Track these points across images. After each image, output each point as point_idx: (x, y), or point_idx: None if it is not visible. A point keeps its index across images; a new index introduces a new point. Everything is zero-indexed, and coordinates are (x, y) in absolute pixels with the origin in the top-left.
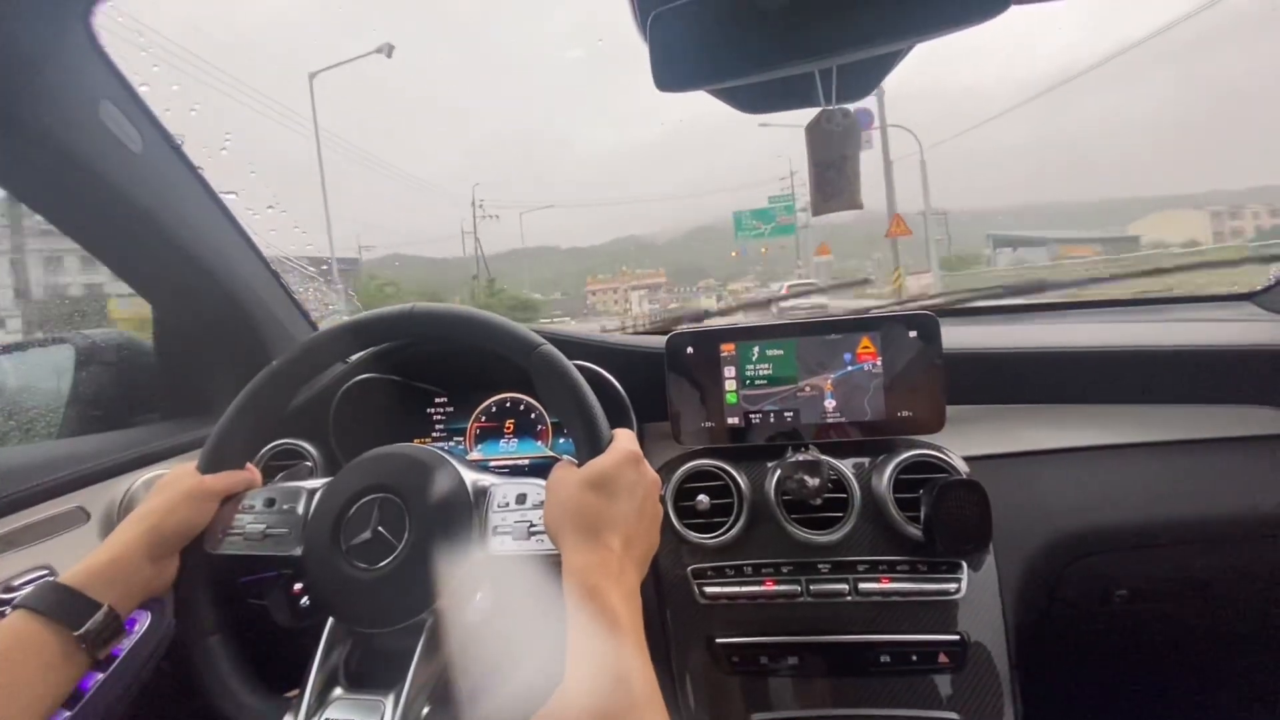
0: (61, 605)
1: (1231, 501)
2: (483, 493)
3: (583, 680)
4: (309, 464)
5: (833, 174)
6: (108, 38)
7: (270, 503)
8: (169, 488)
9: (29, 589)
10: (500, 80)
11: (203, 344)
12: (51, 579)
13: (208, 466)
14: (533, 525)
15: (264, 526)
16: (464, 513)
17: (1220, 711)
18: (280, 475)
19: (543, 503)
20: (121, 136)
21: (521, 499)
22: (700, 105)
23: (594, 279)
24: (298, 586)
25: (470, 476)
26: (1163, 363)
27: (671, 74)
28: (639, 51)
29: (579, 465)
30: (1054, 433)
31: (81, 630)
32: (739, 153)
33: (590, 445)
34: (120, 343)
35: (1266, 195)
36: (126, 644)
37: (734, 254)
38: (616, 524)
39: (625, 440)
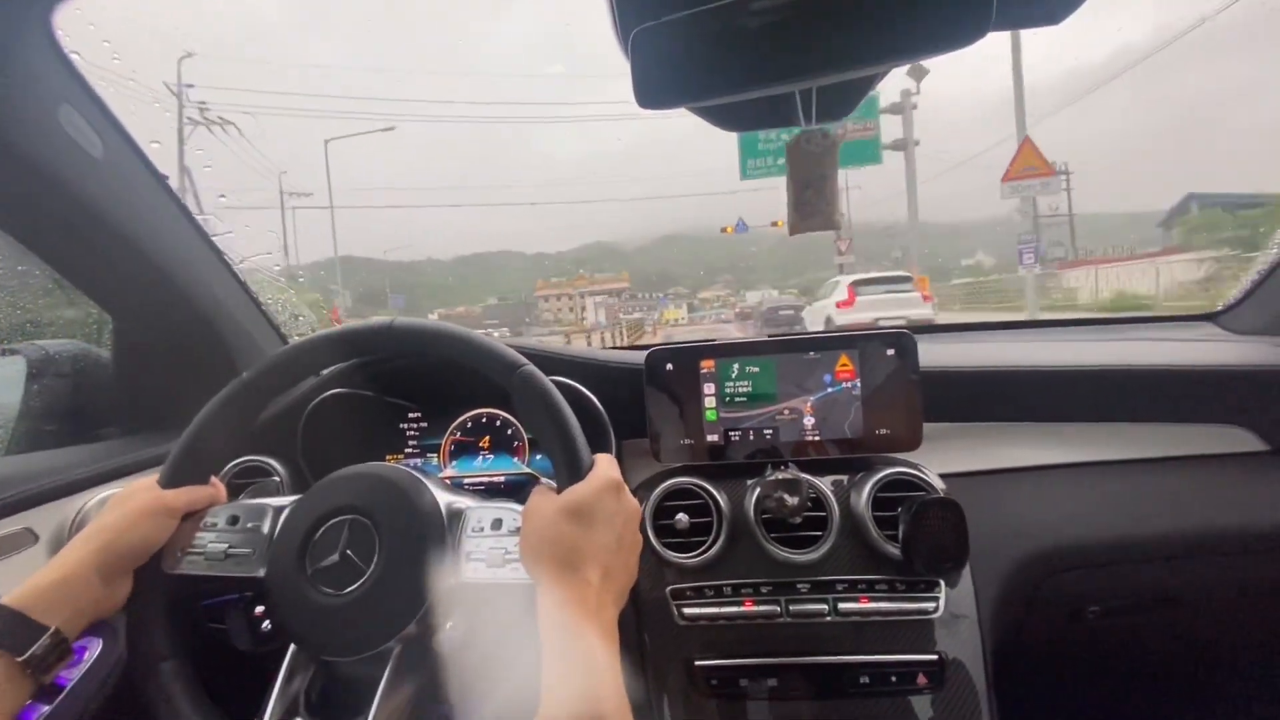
0: (3, 629)
1: (1197, 519)
2: (457, 515)
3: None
4: (276, 479)
5: (811, 194)
6: (69, 39)
7: (234, 520)
8: (125, 503)
9: None
10: (462, 77)
11: (165, 356)
12: None
13: (170, 480)
14: (508, 552)
15: (226, 546)
16: (436, 537)
17: None
18: (245, 492)
19: (519, 529)
20: (82, 142)
21: (497, 524)
22: (673, 112)
23: (545, 283)
24: (259, 609)
25: (444, 498)
26: (1130, 382)
27: (652, 91)
28: (608, 57)
29: (558, 491)
30: (1027, 450)
31: (25, 656)
32: (715, 156)
33: (570, 471)
34: (76, 354)
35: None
36: (75, 673)
37: (727, 229)
38: (595, 557)
39: (606, 467)
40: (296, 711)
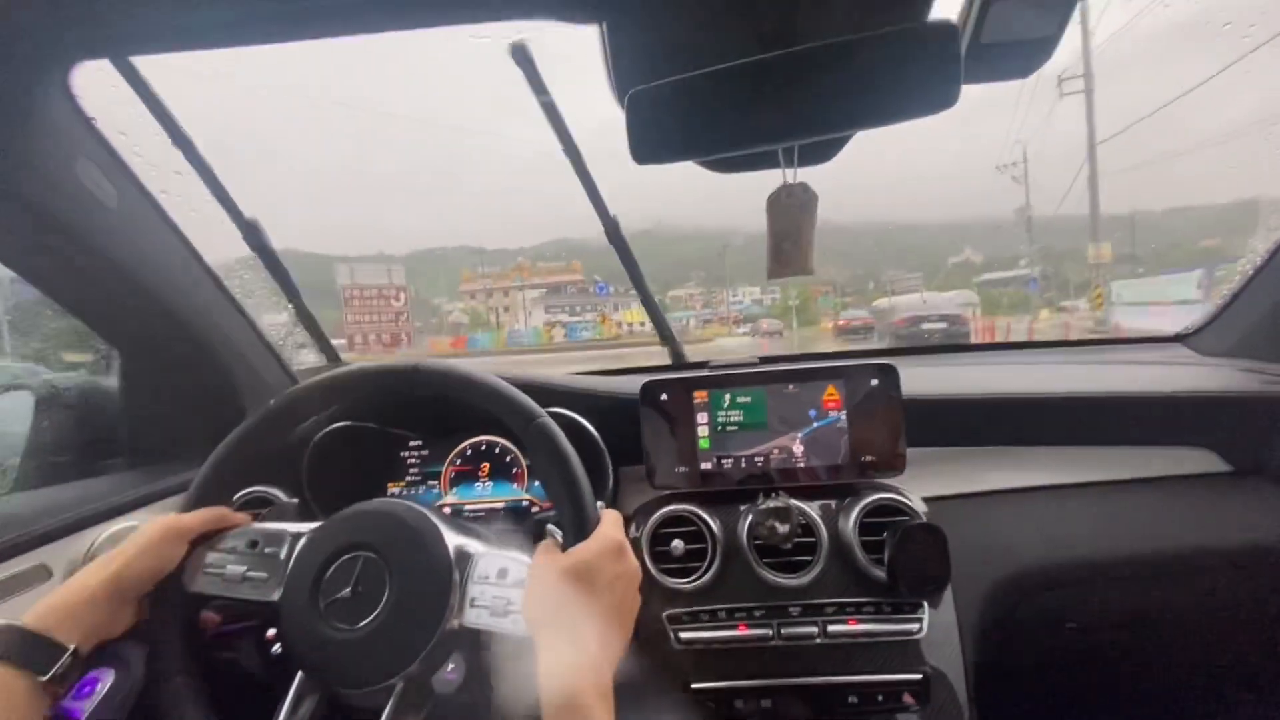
0: (24, 649)
1: (1166, 538)
2: (465, 559)
3: None
4: (295, 501)
5: (788, 245)
6: (86, 95)
7: (253, 544)
8: (141, 533)
9: None
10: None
11: (172, 391)
12: (11, 623)
13: (192, 502)
14: (510, 604)
15: (244, 569)
16: (444, 579)
17: None
18: (265, 512)
19: (523, 581)
20: (97, 193)
21: (503, 574)
22: None
23: (473, 275)
24: (271, 632)
25: (454, 541)
26: (1102, 408)
27: (647, 148)
28: (571, 44)
29: (563, 548)
30: (1005, 474)
31: (49, 675)
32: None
33: (576, 528)
34: (82, 387)
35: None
36: (89, 704)
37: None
38: (595, 622)
39: (611, 527)
40: None
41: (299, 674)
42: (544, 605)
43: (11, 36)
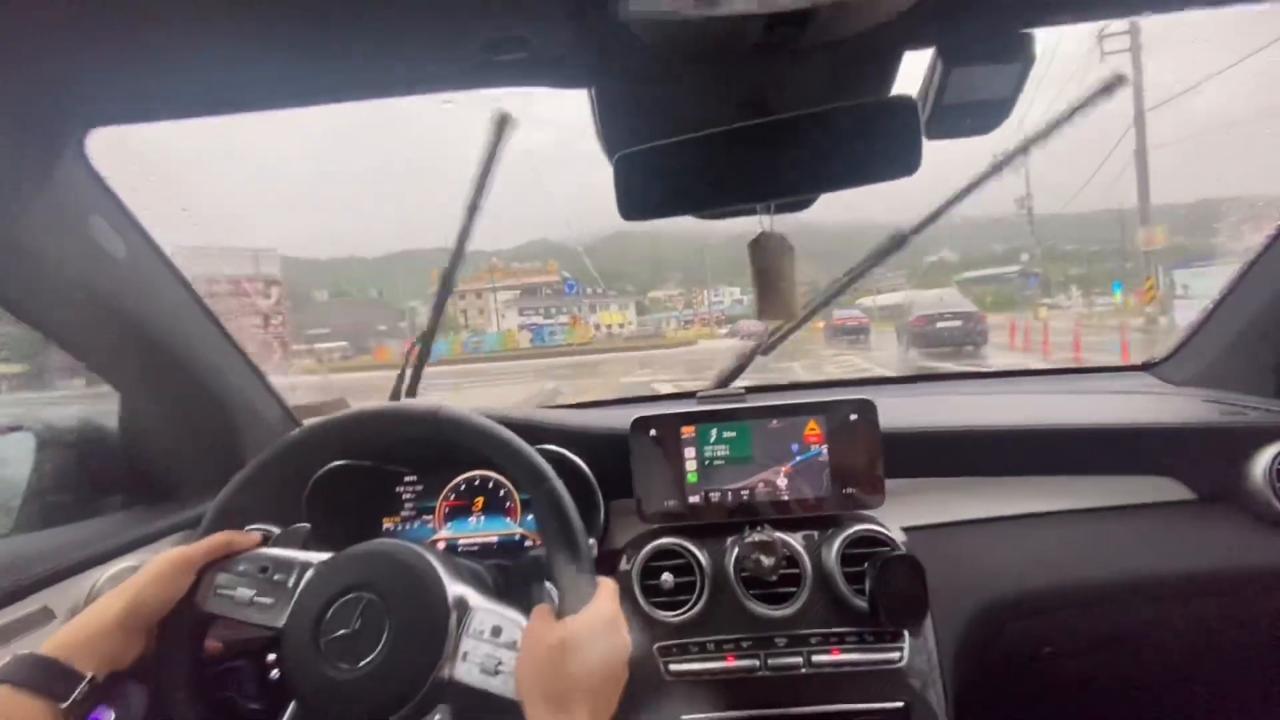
0: (44, 678)
1: (1135, 564)
2: (464, 609)
3: None
4: (307, 526)
5: (769, 289)
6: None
7: (263, 570)
8: (154, 563)
9: (6, 662)
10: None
11: (171, 431)
12: (28, 652)
13: (209, 528)
14: (501, 664)
15: (253, 593)
16: (441, 626)
17: None
18: (278, 535)
19: (515, 644)
20: (107, 247)
21: (497, 632)
22: None
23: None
24: (271, 658)
25: (454, 589)
26: (1072, 440)
27: (633, 206)
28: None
29: (558, 615)
30: (980, 503)
31: (68, 703)
32: None
33: (573, 596)
34: (80, 425)
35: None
36: None
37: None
38: (585, 696)
39: (607, 599)
40: None
41: (293, 704)
42: (535, 674)
43: (35, 105)
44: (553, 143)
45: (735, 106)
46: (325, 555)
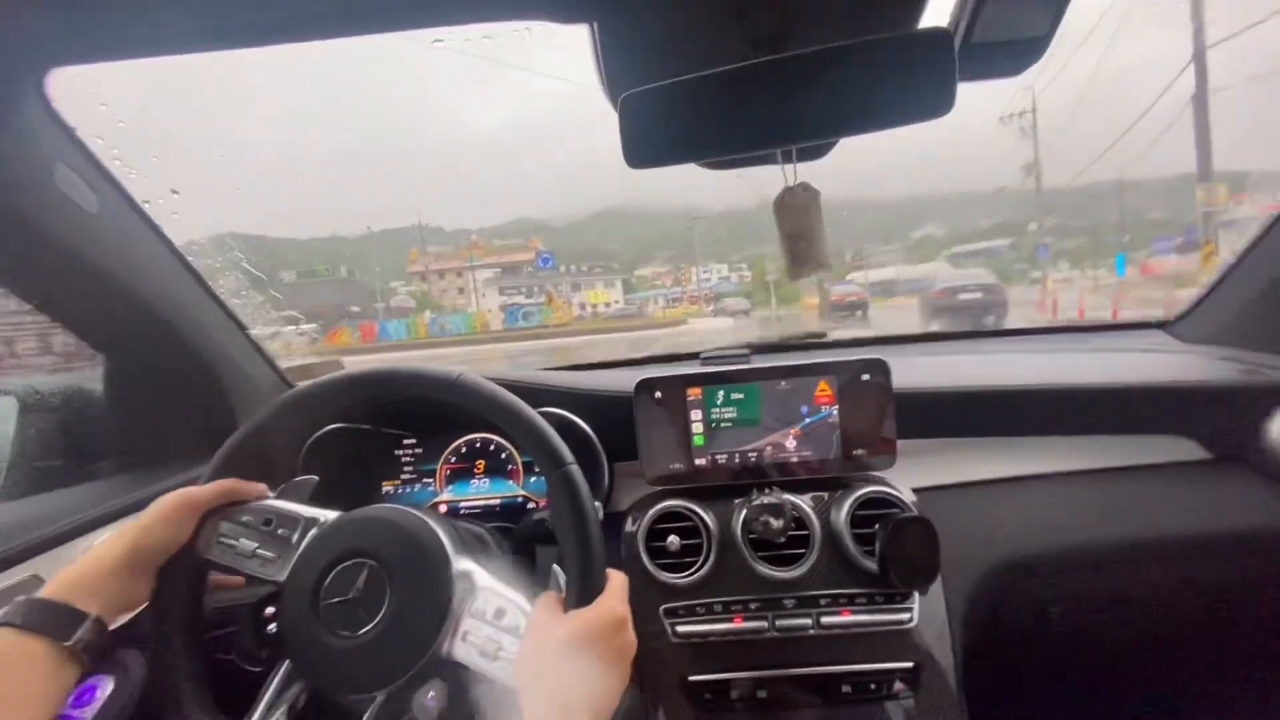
0: (46, 618)
1: (1146, 525)
2: (468, 586)
3: None
4: (314, 479)
5: (803, 244)
6: (62, 100)
7: (268, 522)
8: (157, 505)
9: (8, 607)
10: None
11: (159, 394)
12: (29, 596)
13: (213, 475)
14: (501, 649)
15: (256, 545)
16: (444, 601)
17: (1147, 715)
18: (285, 486)
19: (518, 629)
20: (77, 199)
21: (499, 614)
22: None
23: (420, 256)
24: (269, 611)
25: (460, 565)
26: (1085, 399)
27: (641, 151)
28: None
29: (565, 608)
30: (991, 464)
31: (71, 641)
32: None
33: (582, 590)
34: (67, 390)
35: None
36: (89, 712)
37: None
38: (589, 697)
39: (616, 596)
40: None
41: (286, 663)
42: (536, 667)
43: None
44: (540, 118)
45: (748, 42)
46: (331, 513)
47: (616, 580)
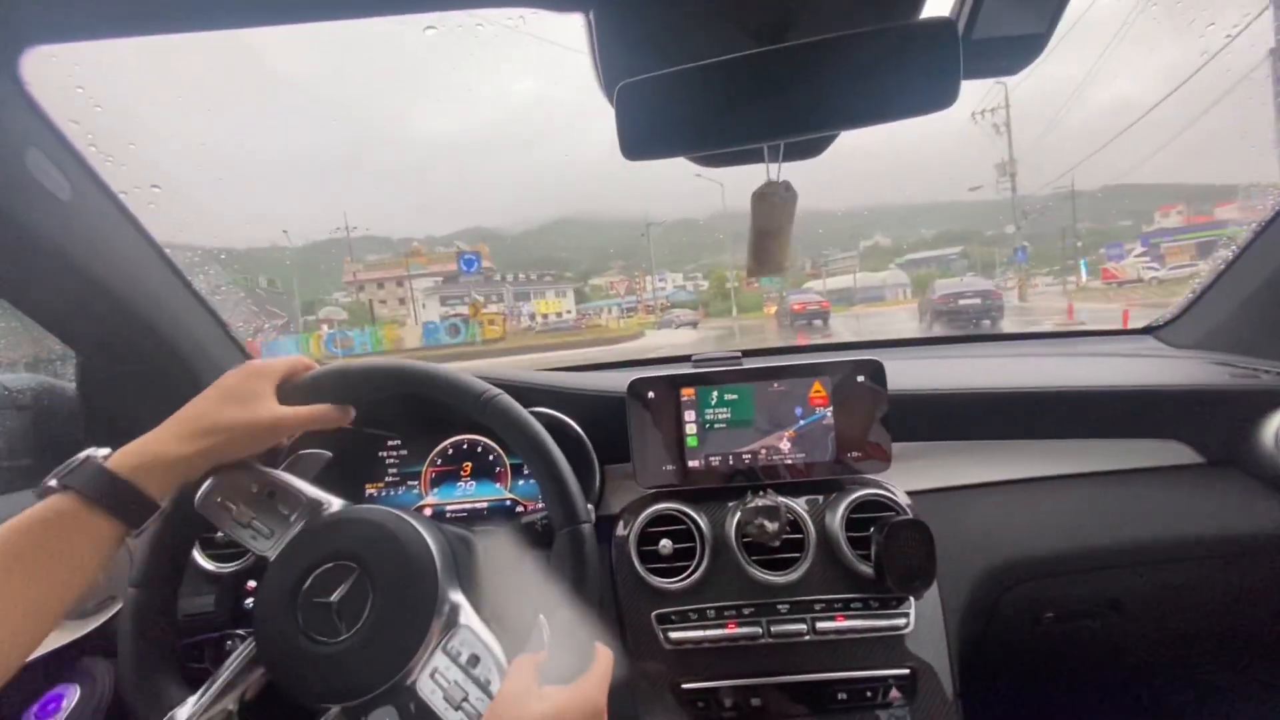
0: (117, 500)
1: (1139, 529)
2: (452, 620)
3: None
4: (326, 453)
5: (769, 242)
6: (37, 82)
7: (271, 494)
8: (224, 376)
9: (74, 467)
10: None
11: (132, 389)
12: (96, 462)
13: (287, 395)
14: (466, 699)
15: (253, 515)
16: (422, 628)
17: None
18: (292, 460)
19: (488, 684)
20: (49, 185)
21: (474, 662)
22: (560, 89)
23: (355, 264)
24: (251, 584)
25: (451, 596)
26: (1078, 403)
27: (637, 143)
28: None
29: (542, 676)
30: (985, 467)
31: (137, 532)
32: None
33: (565, 662)
34: (36, 388)
35: None
36: None
37: None
38: None
39: (597, 684)
40: (229, 701)
41: (252, 643)
42: None
43: None
44: (494, 124)
45: (747, 32)
46: (334, 499)
47: (603, 663)
